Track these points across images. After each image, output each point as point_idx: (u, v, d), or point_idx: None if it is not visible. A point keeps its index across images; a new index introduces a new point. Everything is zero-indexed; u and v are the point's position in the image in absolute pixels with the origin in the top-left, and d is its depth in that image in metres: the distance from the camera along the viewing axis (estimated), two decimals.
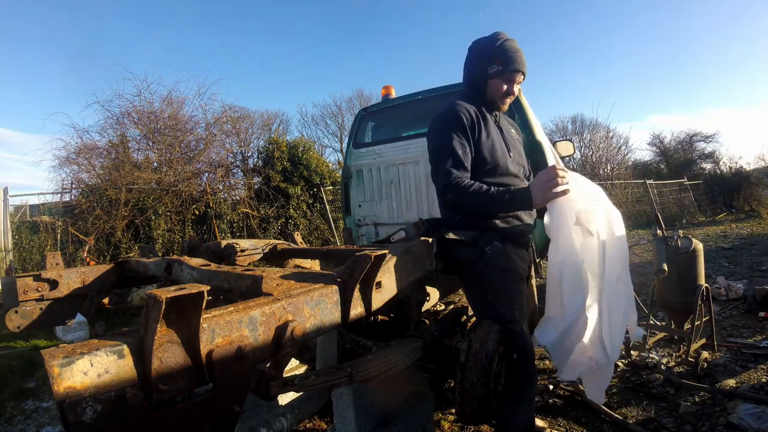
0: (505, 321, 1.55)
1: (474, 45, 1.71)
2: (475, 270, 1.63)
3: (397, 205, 4.02)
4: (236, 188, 10.14)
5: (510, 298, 1.60)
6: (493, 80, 1.66)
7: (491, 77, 1.66)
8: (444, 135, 1.63)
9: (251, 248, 2.18)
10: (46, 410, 2.61)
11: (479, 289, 1.64)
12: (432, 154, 1.70)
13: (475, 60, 1.69)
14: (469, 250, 1.64)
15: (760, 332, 2.98)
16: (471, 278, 1.67)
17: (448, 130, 1.63)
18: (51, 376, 0.61)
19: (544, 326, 1.58)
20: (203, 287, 0.74)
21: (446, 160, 1.59)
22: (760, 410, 1.85)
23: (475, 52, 1.70)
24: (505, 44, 1.62)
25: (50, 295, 1.78)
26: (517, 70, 1.64)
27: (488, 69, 1.65)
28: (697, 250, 2.47)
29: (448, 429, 2.04)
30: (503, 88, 1.67)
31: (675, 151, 21.44)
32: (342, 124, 25.51)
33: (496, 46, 1.62)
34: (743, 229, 9.40)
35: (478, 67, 1.68)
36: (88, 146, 8.78)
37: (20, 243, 7.51)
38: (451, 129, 1.62)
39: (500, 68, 1.63)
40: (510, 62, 1.62)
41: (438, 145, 1.65)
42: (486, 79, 1.67)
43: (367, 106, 4.47)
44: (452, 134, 1.61)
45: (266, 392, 0.91)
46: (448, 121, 1.64)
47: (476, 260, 1.63)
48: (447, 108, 1.69)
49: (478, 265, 1.63)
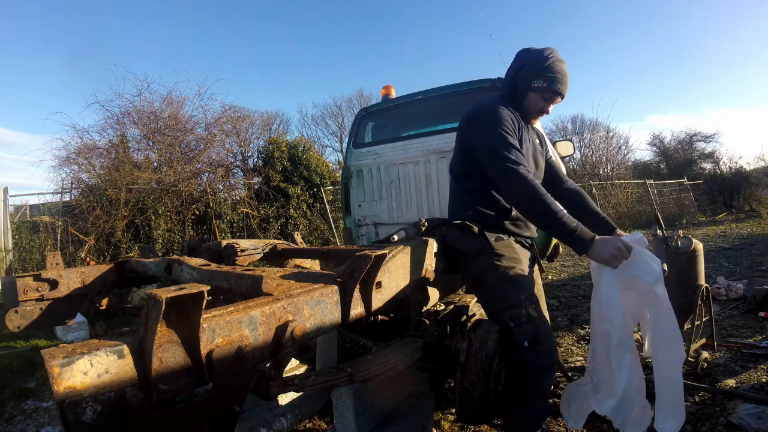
0: (511, 304, 1.55)
1: (524, 53, 1.71)
2: (481, 258, 1.65)
3: (397, 205, 4.02)
4: (236, 188, 10.14)
5: (516, 281, 1.60)
6: (533, 93, 1.67)
7: (533, 90, 1.66)
8: (499, 128, 1.60)
9: (251, 248, 2.18)
10: (46, 410, 2.61)
11: (485, 275, 1.64)
12: (486, 141, 1.62)
13: (522, 68, 1.69)
14: (477, 240, 1.66)
15: (760, 332, 2.98)
16: (477, 266, 1.67)
17: (502, 126, 1.60)
18: (51, 376, 0.61)
19: (599, 395, 1.55)
20: (203, 287, 0.74)
21: (509, 150, 1.56)
22: (760, 410, 1.85)
23: (523, 61, 1.69)
24: (556, 64, 1.63)
25: (50, 295, 1.78)
26: (559, 93, 1.66)
27: (533, 82, 1.65)
28: (697, 250, 2.47)
29: (448, 429, 2.04)
30: (540, 104, 1.69)
31: (675, 151, 21.44)
32: (342, 124, 25.52)
33: (546, 63, 1.62)
34: (743, 229, 9.39)
35: (523, 75, 1.67)
36: (88, 146, 8.78)
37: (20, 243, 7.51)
38: (506, 127, 1.60)
39: (545, 85, 1.64)
40: (555, 83, 1.63)
41: (487, 132, 1.61)
42: (527, 90, 1.68)
43: (367, 106, 4.47)
44: (502, 126, 1.60)
45: (266, 392, 0.91)
46: (502, 118, 1.61)
47: (483, 248, 1.65)
48: (493, 105, 1.66)
49: (485, 252, 1.64)
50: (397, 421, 1.63)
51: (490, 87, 3.58)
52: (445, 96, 3.88)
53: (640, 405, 1.50)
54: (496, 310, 1.61)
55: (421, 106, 4.06)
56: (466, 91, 3.75)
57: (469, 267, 1.71)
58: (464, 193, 1.79)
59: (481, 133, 1.64)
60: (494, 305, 1.64)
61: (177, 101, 9.57)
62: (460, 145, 1.79)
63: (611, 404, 1.50)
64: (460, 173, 1.80)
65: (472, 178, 1.75)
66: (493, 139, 1.58)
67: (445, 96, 3.88)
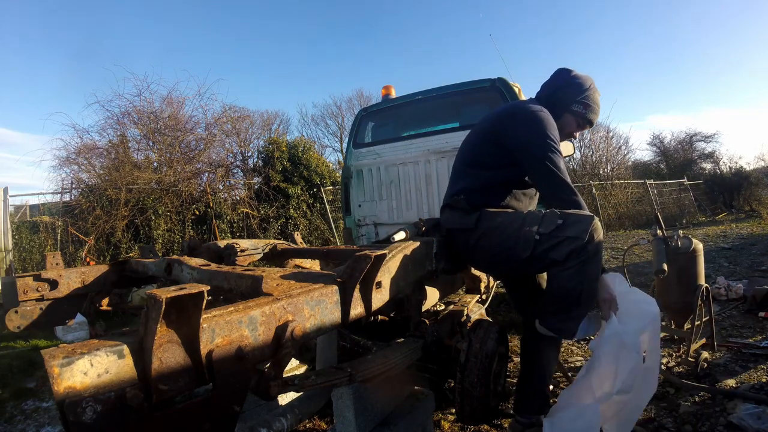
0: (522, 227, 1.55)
1: (567, 75, 1.79)
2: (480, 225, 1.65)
3: (397, 205, 4.02)
4: (236, 188, 10.15)
5: (521, 216, 1.60)
6: (570, 115, 1.77)
7: (571, 112, 1.77)
8: (551, 132, 1.64)
9: (251, 248, 2.18)
10: (46, 410, 2.61)
11: (490, 233, 1.63)
12: (536, 141, 1.64)
13: (566, 88, 1.77)
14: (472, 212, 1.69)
15: (760, 332, 2.97)
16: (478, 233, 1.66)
17: (553, 131, 1.64)
18: (51, 376, 0.61)
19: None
20: (203, 287, 0.74)
21: (558, 156, 1.61)
22: (760, 410, 1.85)
23: (566, 82, 1.78)
24: (597, 95, 1.78)
25: (50, 295, 1.78)
26: (591, 122, 1.80)
27: (573, 105, 1.75)
28: (697, 250, 2.47)
29: (448, 429, 2.04)
30: (573, 127, 1.80)
31: (675, 151, 21.43)
32: (342, 124, 25.51)
33: (590, 92, 1.75)
34: (743, 229, 9.39)
35: (565, 95, 1.76)
36: (88, 146, 8.78)
37: (20, 243, 7.51)
38: (555, 133, 1.65)
39: (582, 111, 1.76)
40: (591, 112, 1.77)
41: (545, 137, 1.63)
42: (565, 110, 1.77)
43: (367, 106, 4.47)
44: (556, 137, 1.65)
45: (266, 392, 0.91)
46: (552, 124, 1.66)
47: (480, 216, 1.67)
48: (543, 110, 1.69)
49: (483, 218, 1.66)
50: (397, 421, 1.62)
51: (490, 87, 3.58)
52: (445, 96, 3.88)
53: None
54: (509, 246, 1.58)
55: (421, 106, 4.06)
56: (466, 91, 3.75)
57: (471, 237, 1.69)
58: (466, 178, 1.80)
59: (531, 131, 1.66)
60: (505, 244, 1.60)
61: (177, 101, 9.58)
62: (490, 137, 1.78)
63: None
64: (473, 161, 1.81)
65: (484, 167, 1.77)
66: (545, 141, 1.62)
67: (445, 96, 3.88)
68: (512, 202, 1.75)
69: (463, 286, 2.28)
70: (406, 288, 1.43)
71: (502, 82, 3.53)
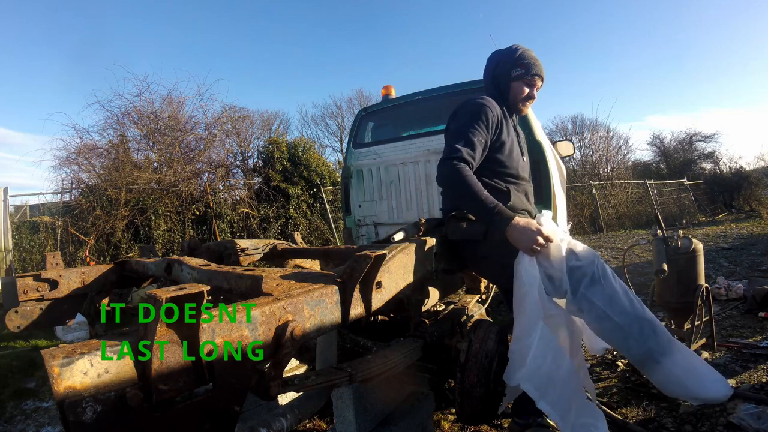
0: None
1: (495, 53, 1.87)
2: (489, 237, 1.65)
3: (397, 205, 4.02)
4: (236, 188, 10.15)
5: None
6: (515, 82, 1.79)
7: (513, 80, 1.79)
8: (464, 121, 1.70)
9: (251, 248, 2.18)
10: (46, 410, 2.61)
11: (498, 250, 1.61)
12: (447, 136, 1.75)
13: (498, 65, 1.83)
14: (478, 224, 1.69)
15: (760, 332, 2.97)
16: (486, 246, 1.66)
17: (470, 119, 1.69)
18: (51, 376, 0.61)
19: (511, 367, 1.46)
20: (203, 287, 0.74)
21: (459, 141, 1.64)
22: (760, 410, 1.85)
23: (497, 59, 1.85)
24: (526, 52, 1.79)
25: (50, 295, 1.78)
26: (537, 74, 1.79)
27: (511, 72, 1.78)
28: (697, 250, 2.47)
29: (448, 429, 2.04)
30: (525, 91, 1.81)
31: (675, 151, 21.41)
32: (342, 124, 25.50)
33: (517, 54, 1.78)
34: (743, 229, 9.39)
35: (501, 70, 1.81)
36: (88, 146, 8.79)
37: (20, 243, 7.52)
38: (474, 119, 1.69)
39: (522, 71, 1.77)
40: (531, 67, 1.77)
41: (456, 129, 1.71)
42: (509, 81, 1.80)
43: (367, 106, 4.47)
44: (474, 123, 1.68)
45: (266, 392, 0.91)
46: (473, 112, 1.71)
47: (488, 229, 1.65)
48: (474, 100, 1.75)
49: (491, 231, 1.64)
50: (397, 421, 1.62)
51: None
52: (445, 96, 3.88)
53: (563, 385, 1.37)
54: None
55: (421, 106, 4.05)
56: (466, 91, 3.75)
57: (478, 250, 1.70)
58: None
59: (448, 126, 1.78)
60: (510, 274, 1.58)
61: (177, 101, 9.60)
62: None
63: (522, 375, 1.39)
64: None
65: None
66: (450, 132, 1.72)
67: (445, 96, 3.88)
68: (514, 200, 1.76)
69: (463, 286, 2.28)
70: (406, 288, 1.43)
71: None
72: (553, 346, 1.39)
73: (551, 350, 1.38)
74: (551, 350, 1.38)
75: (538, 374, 1.37)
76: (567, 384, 1.38)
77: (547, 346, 1.38)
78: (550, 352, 1.38)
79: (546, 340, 1.38)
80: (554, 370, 1.37)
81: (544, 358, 1.37)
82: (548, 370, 1.37)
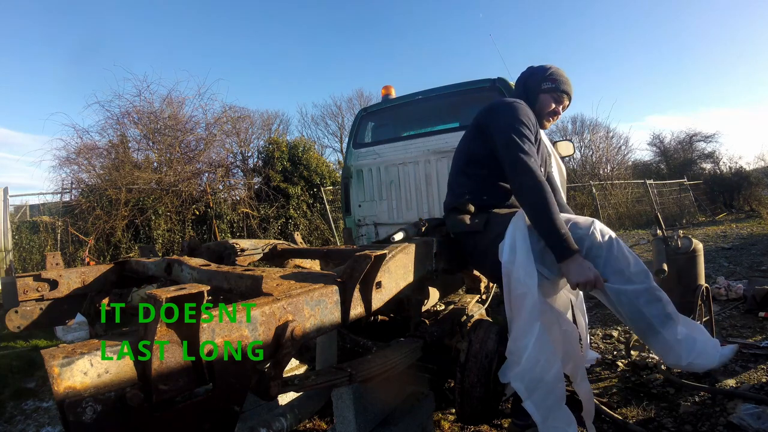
0: None
1: (529, 68, 1.96)
2: (489, 229, 1.67)
3: (397, 205, 4.02)
4: (236, 188, 10.16)
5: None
6: (543, 95, 1.86)
7: (543, 92, 1.86)
8: (520, 118, 1.69)
9: (251, 248, 2.18)
10: (46, 410, 2.61)
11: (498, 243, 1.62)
12: (505, 129, 1.68)
13: (530, 77, 1.90)
14: (479, 215, 1.72)
15: (760, 332, 2.97)
16: (487, 237, 1.67)
17: (522, 118, 1.69)
18: (51, 376, 0.61)
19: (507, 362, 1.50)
20: (203, 287, 0.74)
21: (523, 140, 1.64)
22: (760, 410, 1.85)
23: (530, 72, 1.93)
24: (558, 70, 1.89)
25: (50, 295, 1.78)
26: (565, 91, 1.87)
27: (542, 84, 1.85)
28: (697, 250, 2.47)
29: (448, 429, 2.04)
30: (551, 105, 1.86)
31: (675, 151, 21.41)
32: (342, 124, 25.51)
33: (551, 70, 1.87)
34: (743, 229, 9.39)
35: (533, 81, 1.88)
36: (88, 146, 8.79)
37: (20, 243, 7.52)
38: (525, 119, 1.70)
39: (552, 86, 1.85)
40: (561, 83, 1.86)
41: (513, 124, 1.67)
42: (538, 92, 1.86)
43: (367, 106, 4.47)
44: (526, 123, 1.69)
45: (266, 392, 0.91)
46: (524, 111, 1.72)
47: (489, 219, 1.69)
48: (516, 101, 1.78)
49: (491, 222, 1.68)
50: (397, 421, 1.63)
51: (490, 87, 3.58)
52: (445, 96, 3.88)
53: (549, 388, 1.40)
54: None
55: (421, 106, 4.06)
56: (466, 91, 3.75)
57: (479, 242, 1.71)
58: (465, 179, 1.84)
59: (502, 121, 1.73)
60: None
61: (177, 101, 9.60)
62: (476, 133, 1.84)
63: (515, 373, 1.43)
64: (468, 159, 1.86)
65: (479, 165, 1.82)
66: (512, 128, 1.68)
67: (445, 96, 3.88)
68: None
69: (463, 286, 2.28)
70: (406, 288, 1.43)
71: (502, 82, 3.53)
72: (548, 349, 1.42)
73: (545, 352, 1.41)
74: (545, 352, 1.41)
75: (530, 374, 1.40)
76: (554, 388, 1.42)
77: (542, 347, 1.41)
78: (543, 354, 1.40)
79: (542, 342, 1.41)
80: (545, 372, 1.40)
81: (537, 359, 1.40)
82: (540, 371, 1.40)
